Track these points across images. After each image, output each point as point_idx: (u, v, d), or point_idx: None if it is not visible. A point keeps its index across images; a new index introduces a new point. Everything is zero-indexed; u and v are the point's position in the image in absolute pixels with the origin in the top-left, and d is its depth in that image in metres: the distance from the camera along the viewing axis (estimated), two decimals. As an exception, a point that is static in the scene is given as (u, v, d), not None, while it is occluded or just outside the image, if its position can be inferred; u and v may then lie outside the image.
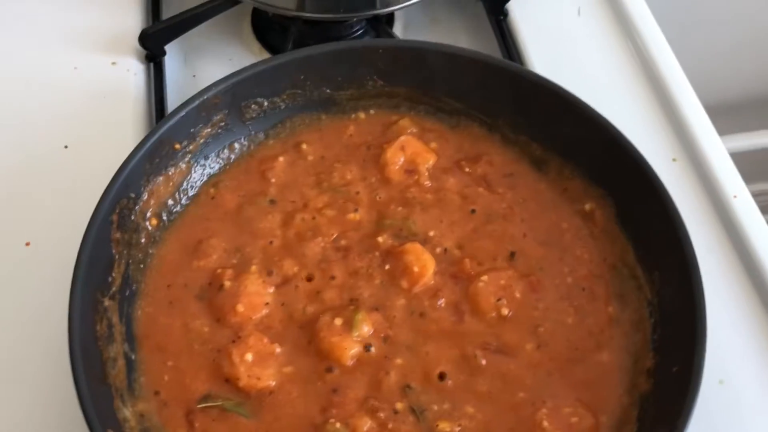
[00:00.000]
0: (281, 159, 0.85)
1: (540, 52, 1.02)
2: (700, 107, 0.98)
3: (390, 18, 1.08)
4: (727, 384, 0.77)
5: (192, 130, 0.82)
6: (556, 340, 0.74)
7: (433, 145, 0.86)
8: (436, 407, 0.69)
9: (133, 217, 0.77)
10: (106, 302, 0.72)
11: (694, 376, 0.65)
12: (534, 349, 0.73)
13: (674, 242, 0.73)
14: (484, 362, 0.72)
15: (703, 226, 0.88)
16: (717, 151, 0.94)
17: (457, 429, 0.68)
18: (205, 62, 1.08)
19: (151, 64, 1.03)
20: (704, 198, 0.91)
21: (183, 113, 0.80)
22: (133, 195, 0.77)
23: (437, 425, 0.68)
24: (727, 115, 1.27)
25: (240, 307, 0.74)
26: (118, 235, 0.75)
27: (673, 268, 0.73)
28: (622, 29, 1.06)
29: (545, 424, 0.69)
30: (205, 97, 0.81)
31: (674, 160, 0.95)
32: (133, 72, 1.02)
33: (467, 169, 0.84)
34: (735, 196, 0.89)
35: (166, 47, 1.03)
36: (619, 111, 0.86)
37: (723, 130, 0.98)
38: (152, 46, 1.02)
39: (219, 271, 0.77)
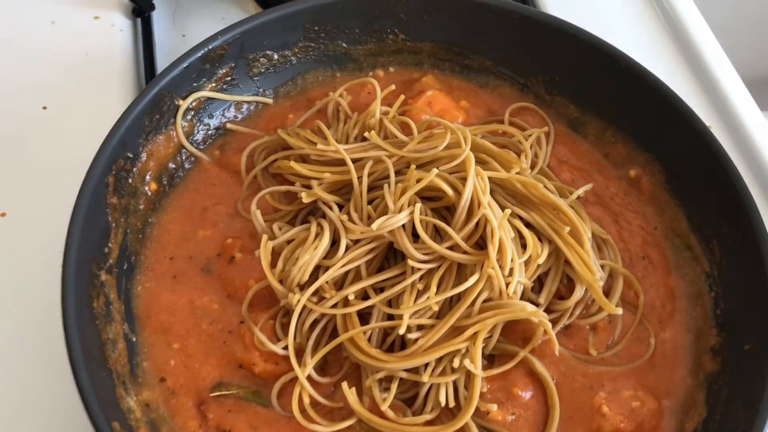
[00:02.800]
0: (291, 116, 0.76)
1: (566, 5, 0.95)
2: (733, 72, 0.92)
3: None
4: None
5: (195, 84, 0.73)
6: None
7: (463, 103, 0.78)
8: (489, 395, 0.62)
9: (130, 180, 0.67)
10: (103, 276, 0.63)
11: (773, 353, 0.58)
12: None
13: (735, 209, 0.66)
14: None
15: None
16: (754, 118, 0.88)
17: (511, 417, 0.61)
18: (195, 21, 0.98)
19: (138, 20, 0.93)
20: (743, 168, 0.84)
21: (185, 64, 0.70)
22: (130, 155, 0.67)
23: (488, 412, 0.60)
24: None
25: (253, 282, 0.65)
26: (114, 200, 0.65)
27: (735, 238, 0.66)
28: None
29: (605, 409, 0.62)
30: (210, 46, 0.72)
31: (710, 127, 0.88)
32: (119, 27, 0.92)
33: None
34: (775, 162, 0.83)
35: (155, 1, 0.93)
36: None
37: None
38: (140, -3, 0.92)
39: (229, 241, 0.68)
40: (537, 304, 0.65)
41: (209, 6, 1.00)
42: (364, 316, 0.63)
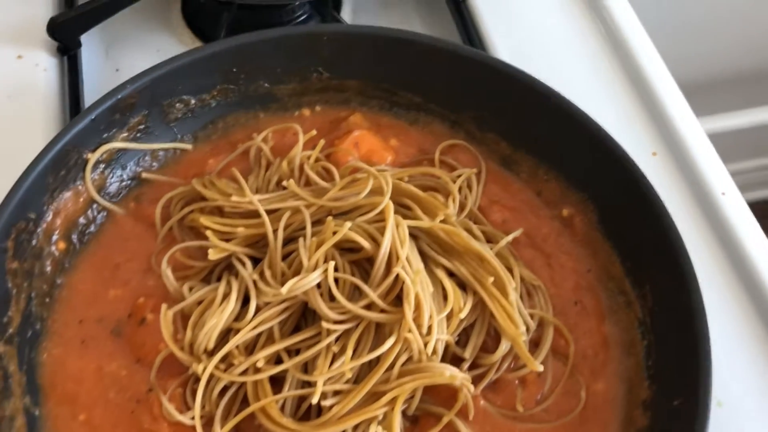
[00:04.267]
0: (211, 162, 0.74)
1: (504, 39, 0.91)
2: (680, 95, 0.89)
3: (337, 1, 0.96)
4: (726, 406, 0.68)
5: (105, 136, 0.69)
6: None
7: (393, 142, 0.76)
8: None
9: (34, 242, 0.65)
10: (1, 348, 0.60)
11: (700, 412, 0.56)
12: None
13: (667, 253, 0.64)
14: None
15: (688, 226, 0.78)
16: (701, 144, 0.85)
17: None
18: (130, 54, 0.95)
19: (65, 58, 0.90)
20: (689, 195, 0.82)
21: (92, 116, 0.67)
22: (33, 215, 0.64)
23: None
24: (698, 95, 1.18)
25: (164, 346, 0.62)
26: (15, 264, 0.62)
27: (667, 283, 0.64)
28: (592, 14, 0.96)
29: (529, 470, 0.59)
30: (119, 96, 0.69)
31: (654, 154, 0.86)
32: (43, 67, 0.88)
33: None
34: (723, 193, 0.80)
35: (83, 37, 0.90)
36: (591, 102, 0.75)
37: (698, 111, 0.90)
38: (64, 36, 0.88)
39: (141, 300, 0.66)
40: (462, 359, 0.63)
41: (144, 38, 0.97)
42: (279, 380, 0.61)
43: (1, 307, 0.61)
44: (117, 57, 0.94)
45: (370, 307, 0.61)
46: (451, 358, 0.63)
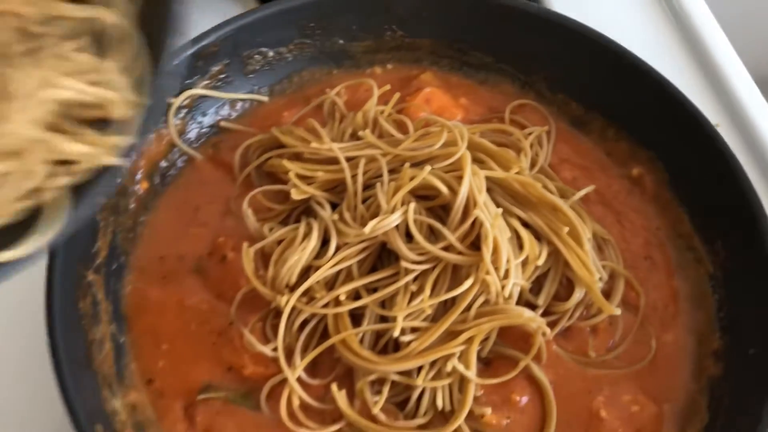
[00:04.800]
0: (286, 114, 0.75)
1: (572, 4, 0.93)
2: (743, 68, 0.90)
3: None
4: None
5: (187, 82, 0.71)
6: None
7: (463, 100, 0.77)
8: (484, 398, 0.60)
9: (119, 179, 0.66)
10: (90, 276, 0.62)
11: (778, 358, 0.57)
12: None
13: (740, 211, 0.65)
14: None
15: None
16: (764, 115, 0.85)
17: (506, 421, 0.59)
18: (196, 17, 0.97)
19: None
20: (752, 167, 0.82)
21: (176, 62, 0.69)
22: (120, 153, 0.66)
23: (482, 416, 0.59)
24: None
25: (244, 282, 0.64)
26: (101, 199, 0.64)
27: (740, 240, 0.64)
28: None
29: (603, 414, 0.60)
30: (202, 44, 0.70)
31: (717, 125, 0.86)
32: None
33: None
34: (787, 164, 0.81)
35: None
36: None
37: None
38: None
39: (221, 239, 0.67)
40: (535, 306, 0.64)
41: (210, 3, 0.99)
42: (357, 318, 0.62)
43: (91, 238, 0.63)
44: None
45: (447, 249, 0.62)
46: (524, 304, 0.64)
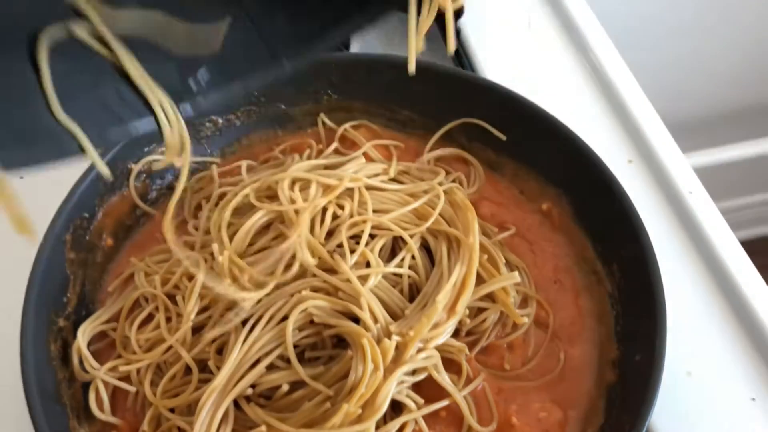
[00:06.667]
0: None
1: (493, 63, 1.04)
2: (651, 109, 1.00)
3: (346, 44, 1.09)
4: (695, 375, 0.77)
5: (146, 150, 0.82)
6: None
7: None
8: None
9: (88, 237, 0.76)
10: (61, 323, 0.71)
11: (656, 361, 0.65)
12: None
13: (629, 233, 0.74)
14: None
15: (662, 222, 0.88)
16: (670, 150, 0.95)
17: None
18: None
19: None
20: (660, 195, 0.91)
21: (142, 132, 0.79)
22: (86, 215, 0.76)
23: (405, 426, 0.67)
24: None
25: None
26: (72, 255, 0.74)
27: (631, 260, 0.73)
28: (571, 39, 1.08)
29: (514, 420, 0.68)
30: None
31: (630, 161, 0.96)
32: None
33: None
34: (690, 192, 0.90)
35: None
36: (574, 117, 0.86)
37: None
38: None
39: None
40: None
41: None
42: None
43: (62, 289, 0.72)
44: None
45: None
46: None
